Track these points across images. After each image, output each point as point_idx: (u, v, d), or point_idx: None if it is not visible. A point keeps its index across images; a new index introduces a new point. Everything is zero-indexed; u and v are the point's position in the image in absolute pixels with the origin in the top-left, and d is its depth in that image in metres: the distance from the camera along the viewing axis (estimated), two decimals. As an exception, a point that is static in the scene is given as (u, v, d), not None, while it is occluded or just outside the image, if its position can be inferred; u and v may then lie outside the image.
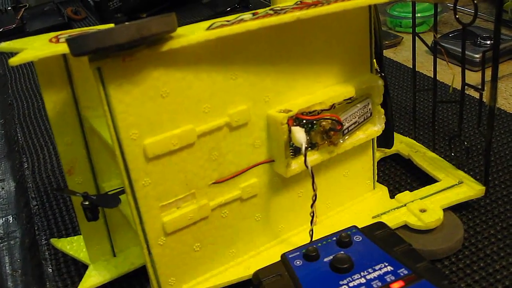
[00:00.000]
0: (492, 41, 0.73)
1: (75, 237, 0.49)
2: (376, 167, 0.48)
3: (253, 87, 0.38)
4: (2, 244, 0.54)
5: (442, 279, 0.35)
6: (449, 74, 0.68)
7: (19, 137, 0.72)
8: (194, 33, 0.33)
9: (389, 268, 0.36)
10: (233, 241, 0.41)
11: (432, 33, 0.83)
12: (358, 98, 0.42)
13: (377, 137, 0.46)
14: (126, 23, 0.29)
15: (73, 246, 0.47)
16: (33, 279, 0.49)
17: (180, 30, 0.33)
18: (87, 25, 1.13)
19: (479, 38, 0.75)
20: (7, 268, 0.51)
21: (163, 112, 0.34)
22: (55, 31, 0.40)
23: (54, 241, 0.49)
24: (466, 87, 0.46)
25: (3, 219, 0.58)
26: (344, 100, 0.41)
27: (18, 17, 1.10)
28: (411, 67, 0.75)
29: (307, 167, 0.38)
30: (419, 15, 0.83)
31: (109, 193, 0.41)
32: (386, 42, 0.84)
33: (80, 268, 0.47)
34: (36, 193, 0.59)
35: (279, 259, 0.39)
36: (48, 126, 0.74)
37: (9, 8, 1.18)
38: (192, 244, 0.39)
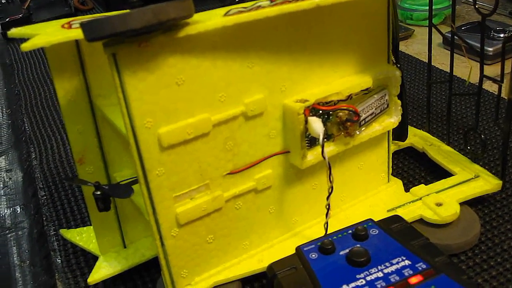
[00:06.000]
0: (505, 34, 0.73)
1: (85, 228, 0.48)
2: (391, 160, 0.47)
3: (269, 76, 0.37)
4: (10, 235, 0.54)
5: (461, 274, 0.35)
6: (463, 68, 0.67)
7: (27, 127, 0.72)
8: (211, 19, 0.32)
9: (407, 262, 0.35)
10: (247, 234, 0.40)
11: (444, 26, 0.83)
12: (375, 89, 0.42)
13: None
14: (142, 7, 0.28)
15: (83, 237, 0.47)
16: (41, 270, 0.48)
17: (197, 16, 0.32)
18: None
19: (492, 31, 0.74)
20: (15, 258, 0.51)
21: (178, 100, 0.33)
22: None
23: (63, 231, 0.48)
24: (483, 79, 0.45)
25: (11, 209, 0.58)
26: (361, 90, 0.40)
27: (25, 7, 1.09)
28: (423, 60, 0.75)
29: (324, 157, 0.37)
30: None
31: (122, 183, 0.40)
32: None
33: (89, 259, 0.46)
34: (44, 183, 0.59)
35: (292, 252, 0.38)
36: (55, 117, 0.73)
37: (15, -3, 1.18)
38: (205, 236, 0.38)
